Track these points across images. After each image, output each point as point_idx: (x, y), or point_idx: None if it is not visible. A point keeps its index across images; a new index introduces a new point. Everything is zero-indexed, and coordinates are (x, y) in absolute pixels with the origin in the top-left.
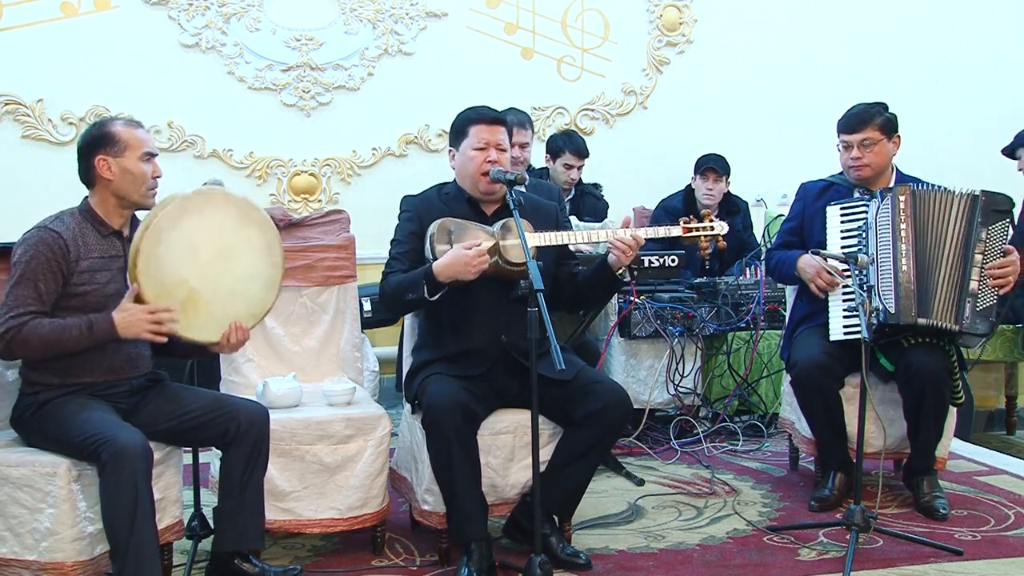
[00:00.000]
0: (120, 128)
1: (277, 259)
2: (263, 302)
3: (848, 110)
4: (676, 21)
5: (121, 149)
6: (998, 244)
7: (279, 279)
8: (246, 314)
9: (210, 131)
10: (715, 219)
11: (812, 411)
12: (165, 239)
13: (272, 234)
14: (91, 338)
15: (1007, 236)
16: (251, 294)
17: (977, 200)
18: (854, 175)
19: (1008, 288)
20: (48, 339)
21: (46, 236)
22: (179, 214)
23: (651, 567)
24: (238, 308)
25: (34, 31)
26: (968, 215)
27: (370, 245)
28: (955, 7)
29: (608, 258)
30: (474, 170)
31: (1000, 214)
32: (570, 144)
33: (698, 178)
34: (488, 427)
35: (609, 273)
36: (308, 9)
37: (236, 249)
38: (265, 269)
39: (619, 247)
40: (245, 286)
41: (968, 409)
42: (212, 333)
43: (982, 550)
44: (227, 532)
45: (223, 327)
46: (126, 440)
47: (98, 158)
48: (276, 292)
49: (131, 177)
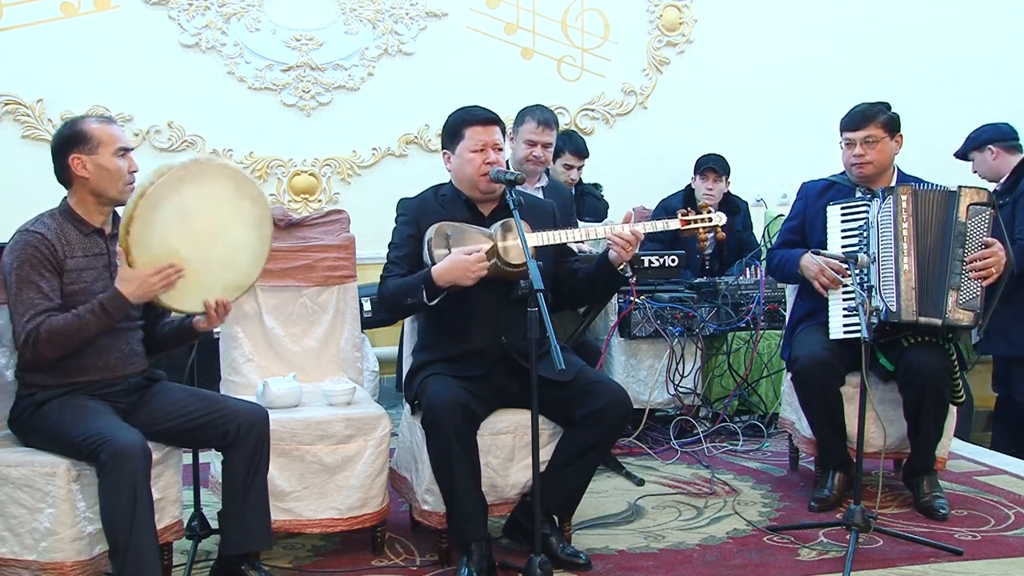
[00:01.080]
0: (92, 126)
1: (266, 233)
2: (248, 275)
3: (851, 109)
4: (676, 21)
5: (94, 146)
6: (979, 236)
7: (266, 254)
8: (232, 285)
9: (210, 131)
10: (712, 211)
11: (812, 408)
12: (160, 207)
13: (264, 210)
14: (106, 315)
15: (987, 227)
16: (239, 266)
17: (954, 195)
18: (856, 173)
19: (991, 279)
20: (69, 332)
21: (30, 238)
22: (176, 183)
23: (651, 567)
24: (225, 278)
25: (34, 31)
26: (949, 207)
27: (370, 245)
28: (955, 7)
29: (608, 254)
30: (473, 172)
31: (980, 206)
32: (570, 144)
33: (698, 178)
34: (488, 427)
35: (610, 269)
36: (308, 9)
37: (228, 220)
38: (253, 242)
39: (618, 243)
40: (233, 256)
41: (968, 409)
42: (197, 304)
43: (982, 550)
44: (233, 535)
45: (208, 297)
46: (125, 440)
47: (72, 157)
48: (261, 267)
49: (107, 174)
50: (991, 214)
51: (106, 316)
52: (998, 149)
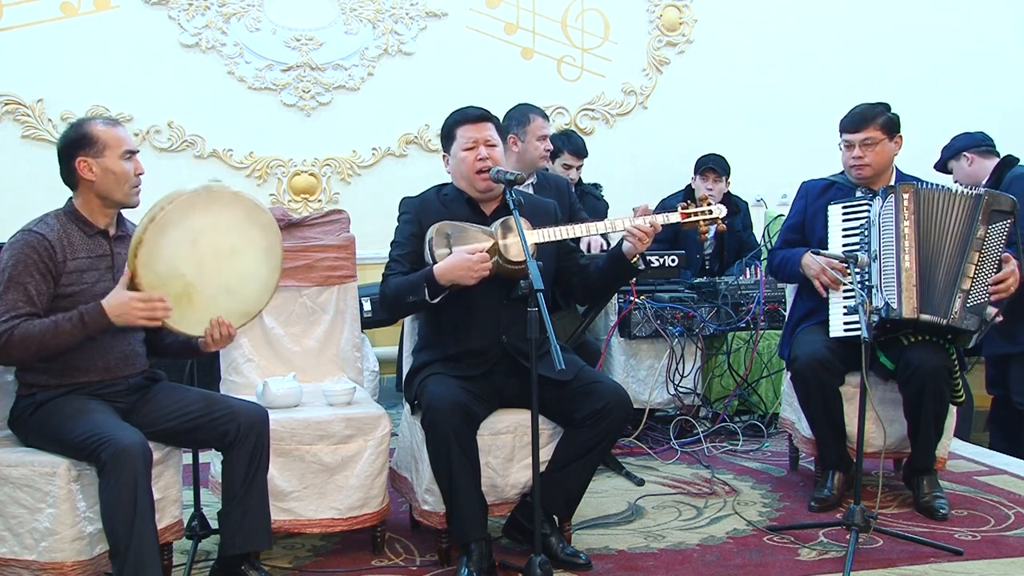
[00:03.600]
0: (99, 128)
1: (276, 263)
2: (256, 303)
3: (851, 109)
4: (676, 21)
5: (100, 149)
6: (997, 243)
7: (275, 283)
8: (238, 312)
9: (210, 131)
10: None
11: (812, 407)
12: (169, 232)
13: (275, 238)
14: (84, 330)
15: (1005, 236)
16: (246, 294)
17: (980, 199)
18: (855, 175)
19: (1006, 295)
20: (41, 338)
21: (30, 238)
22: (186, 209)
23: (651, 567)
24: (231, 306)
25: (34, 31)
26: (970, 213)
27: (370, 245)
28: (955, 7)
29: (623, 246)
30: (467, 170)
31: (1002, 214)
32: (569, 144)
33: (698, 178)
34: (488, 427)
35: (624, 262)
36: (308, 9)
37: (238, 249)
38: (263, 271)
39: (636, 234)
40: (241, 285)
41: (968, 409)
42: (200, 329)
43: (982, 550)
44: (234, 535)
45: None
46: (126, 440)
47: (78, 160)
48: (270, 295)
49: (113, 177)
50: (1011, 223)
51: (83, 328)
52: (973, 155)
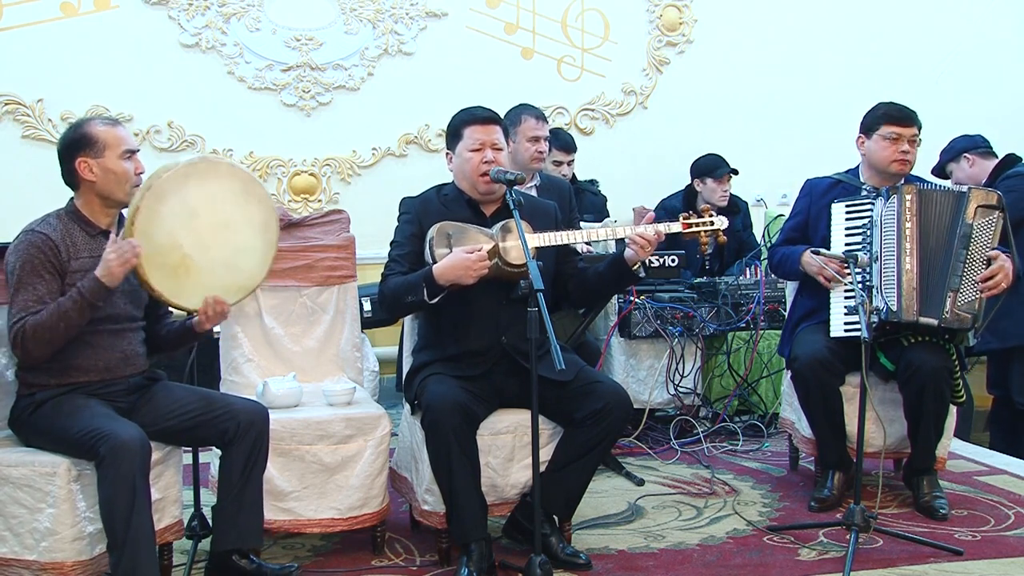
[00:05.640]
0: (99, 128)
1: (272, 237)
2: (253, 277)
3: (888, 103)
4: (676, 21)
5: (100, 149)
6: (985, 240)
7: (272, 257)
8: (235, 287)
9: (210, 131)
10: (714, 214)
11: (812, 407)
12: (167, 201)
13: (271, 213)
14: (86, 301)
15: (995, 231)
16: (243, 267)
17: (964, 195)
18: (897, 169)
19: (997, 291)
20: (52, 323)
21: (34, 239)
22: (183, 179)
23: (651, 567)
24: (228, 280)
25: (34, 31)
26: (955, 210)
27: (370, 245)
28: (955, 7)
29: (625, 253)
30: (471, 171)
31: (988, 209)
32: (556, 140)
33: (711, 181)
34: (488, 427)
35: (625, 268)
36: (308, 9)
37: (235, 221)
38: (260, 245)
39: (639, 242)
40: (238, 259)
41: (968, 409)
42: (197, 301)
43: (982, 550)
44: (226, 531)
45: (208, 296)
46: (124, 434)
47: (79, 160)
48: (267, 269)
49: (114, 177)
50: (999, 216)
51: (83, 300)
52: (974, 157)
